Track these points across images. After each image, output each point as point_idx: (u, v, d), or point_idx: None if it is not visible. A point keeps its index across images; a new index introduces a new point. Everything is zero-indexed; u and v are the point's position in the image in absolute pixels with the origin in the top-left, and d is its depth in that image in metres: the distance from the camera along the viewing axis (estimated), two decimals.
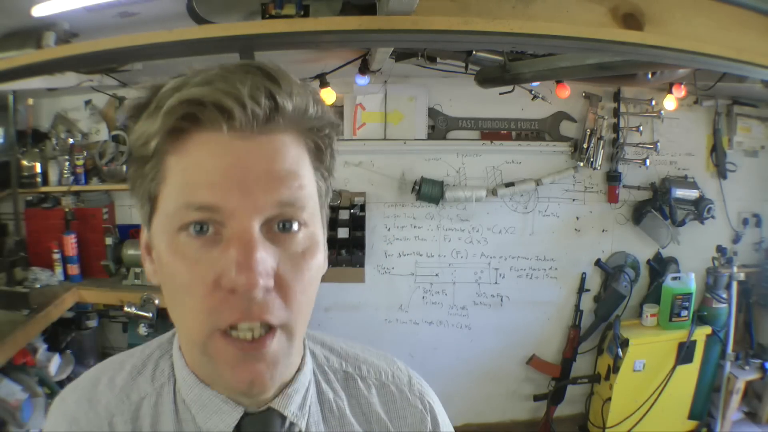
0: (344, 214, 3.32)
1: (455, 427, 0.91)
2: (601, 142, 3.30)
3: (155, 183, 0.56)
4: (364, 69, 2.90)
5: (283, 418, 0.64)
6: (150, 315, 2.57)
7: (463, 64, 2.72)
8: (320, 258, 0.60)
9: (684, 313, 3.14)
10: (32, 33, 1.88)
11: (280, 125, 0.55)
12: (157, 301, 2.61)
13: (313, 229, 0.58)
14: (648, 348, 3.15)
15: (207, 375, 0.62)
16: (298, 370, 0.67)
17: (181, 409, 0.63)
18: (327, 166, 0.61)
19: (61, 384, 2.68)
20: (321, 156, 0.60)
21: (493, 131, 3.38)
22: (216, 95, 0.51)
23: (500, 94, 2.95)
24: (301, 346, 0.68)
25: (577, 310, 3.52)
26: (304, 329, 0.62)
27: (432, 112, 3.34)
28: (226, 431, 0.61)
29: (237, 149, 0.53)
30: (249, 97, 0.51)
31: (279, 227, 0.55)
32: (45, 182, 3.02)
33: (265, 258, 0.53)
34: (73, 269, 2.97)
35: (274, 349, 0.56)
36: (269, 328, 0.55)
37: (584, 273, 3.51)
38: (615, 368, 3.14)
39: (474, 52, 2.53)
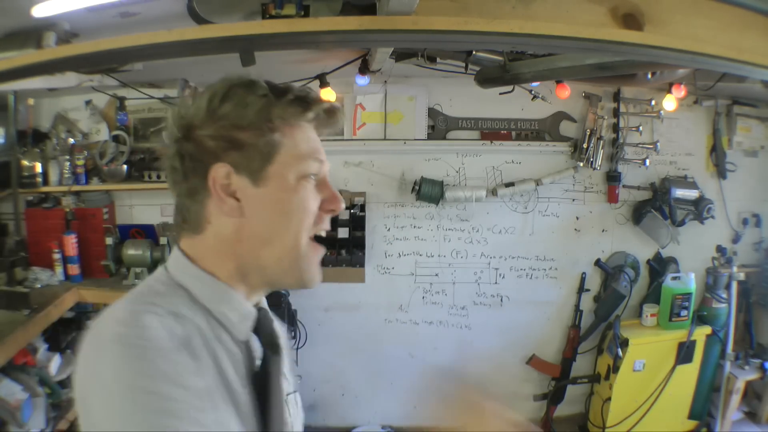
0: (344, 214, 3.32)
1: (456, 427, 0.93)
2: (601, 142, 3.31)
3: (273, 145, 0.82)
4: (364, 69, 2.90)
5: (267, 311, 0.92)
6: None
7: (463, 64, 2.72)
8: None
9: (684, 313, 3.14)
10: (32, 33, 1.88)
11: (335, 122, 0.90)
12: None
13: None
14: (648, 348, 3.16)
15: (283, 273, 0.85)
16: None
17: (211, 320, 0.81)
18: None
19: (62, 384, 2.67)
20: None
21: (493, 131, 3.38)
22: (338, 114, 0.89)
23: (500, 94, 2.95)
24: None
25: (577, 310, 3.53)
26: None
27: (432, 112, 3.34)
28: (249, 323, 0.85)
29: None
30: (341, 117, 0.91)
31: None
32: (45, 182, 3.02)
33: None
34: (74, 269, 2.97)
35: None
36: None
37: (584, 273, 3.51)
38: (615, 368, 3.14)
39: (474, 52, 2.53)
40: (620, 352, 3.13)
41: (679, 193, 3.34)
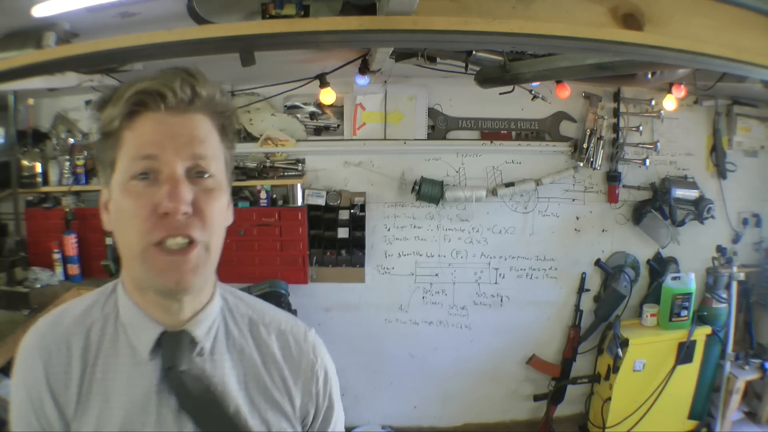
0: (344, 214, 3.32)
1: (455, 427, 0.93)
2: (601, 142, 3.31)
3: (114, 151, 0.81)
4: (364, 69, 2.90)
5: (192, 338, 0.85)
6: None
7: (463, 64, 2.72)
8: (225, 200, 0.84)
9: (684, 313, 3.14)
10: (32, 33, 1.88)
11: (198, 107, 0.81)
12: None
13: (219, 178, 0.82)
14: (648, 348, 3.16)
15: (144, 283, 0.82)
16: (208, 302, 0.88)
17: (119, 330, 0.85)
18: (230, 139, 0.87)
19: None
20: (226, 132, 0.85)
21: (493, 131, 3.38)
22: (157, 86, 0.78)
23: (500, 94, 2.95)
24: (214, 270, 0.87)
25: (577, 310, 3.53)
26: (216, 248, 0.83)
27: (432, 112, 3.34)
28: (148, 344, 0.83)
29: (169, 122, 0.79)
30: (179, 87, 0.78)
31: (196, 174, 0.79)
32: (45, 182, 3.02)
33: (186, 191, 0.77)
34: (74, 269, 2.97)
35: (195, 257, 0.78)
36: (191, 243, 0.78)
37: (584, 273, 3.51)
38: (615, 368, 3.14)
39: (474, 52, 2.53)
40: (620, 352, 3.13)
41: (679, 193, 3.34)
